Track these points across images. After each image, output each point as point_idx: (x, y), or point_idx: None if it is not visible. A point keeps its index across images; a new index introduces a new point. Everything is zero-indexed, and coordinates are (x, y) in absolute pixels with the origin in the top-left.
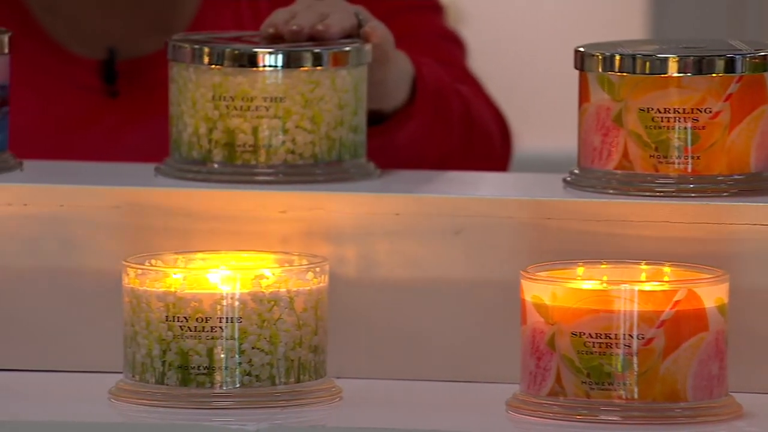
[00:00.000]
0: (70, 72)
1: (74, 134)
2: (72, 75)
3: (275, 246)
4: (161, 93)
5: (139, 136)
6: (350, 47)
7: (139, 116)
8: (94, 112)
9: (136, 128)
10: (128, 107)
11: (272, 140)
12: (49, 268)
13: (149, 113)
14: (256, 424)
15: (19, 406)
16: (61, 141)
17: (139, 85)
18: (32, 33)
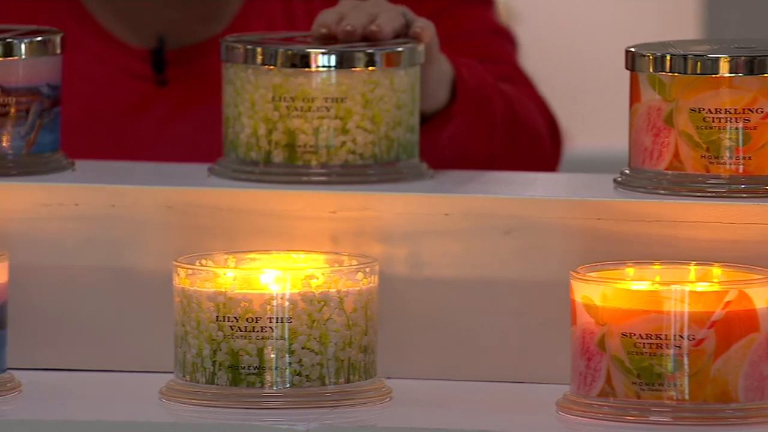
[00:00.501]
0: (120, 60)
1: (124, 122)
2: (122, 63)
3: (325, 246)
4: (209, 82)
5: (187, 124)
6: (404, 48)
7: (187, 105)
8: (143, 101)
9: (184, 117)
10: (177, 96)
11: (333, 141)
12: (100, 268)
13: (197, 102)
14: (306, 424)
15: (71, 405)
16: (110, 129)
17: (187, 73)
18: (84, 21)
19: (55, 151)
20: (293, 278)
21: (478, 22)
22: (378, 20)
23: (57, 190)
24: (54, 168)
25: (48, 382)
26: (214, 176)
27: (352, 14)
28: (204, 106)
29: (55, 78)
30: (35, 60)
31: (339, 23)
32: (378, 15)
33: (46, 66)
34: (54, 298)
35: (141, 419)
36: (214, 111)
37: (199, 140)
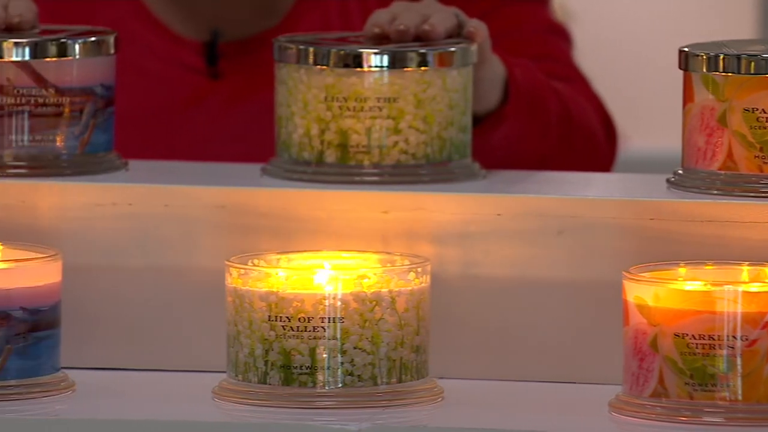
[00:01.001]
0: (174, 53)
1: (176, 114)
2: (176, 56)
3: (377, 246)
4: (262, 75)
5: (240, 117)
6: (456, 48)
7: (239, 98)
8: (196, 94)
9: (236, 110)
10: (229, 89)
11: (385, 140)
12: (153, 268)
13: (250, 95)
14: (358, 424)
15: (124, 405)
16: (163, 121)
17: (240, 67)
18: (139, 13)
19: (108, 151)
20: (345, 278)
21: (532, 19)
22: (431, 20)
23: (110, 190)
24: (107, 168)
25: (101, 382)
26: (266, 176)
27: (405, 14)
28: (256, 99)
29: (108, 78)
30: (89, 60)
31: (392, 23)
32: (431, 15)
33: (100, 66)
34: (107, 298)
35: (193, 419)
36: (267, 104)
37: (252, 133)
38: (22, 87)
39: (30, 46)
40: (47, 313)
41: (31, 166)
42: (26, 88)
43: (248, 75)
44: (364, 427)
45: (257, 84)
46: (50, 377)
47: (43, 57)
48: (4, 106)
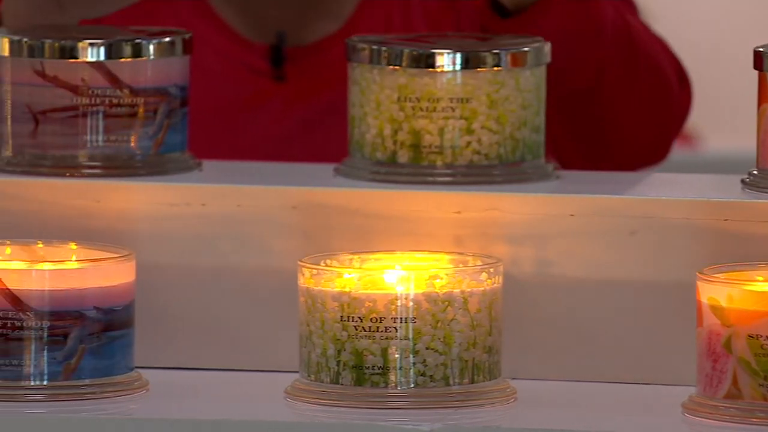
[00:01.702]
0: (240, 55)
1: (240, 115)
2: (242, 58)
3: (449, 246)
4: (326, 78)
5: (302, 119)
6: (529, 47)
7: (303, 101)
8: (260, 96)
9: (298, 111)
10: (292, 91)
11: (458, 141)
12: (226, 268)
13: (314, 98)
14: (430, 424)
15: (197, 405)
16: (227, 123)
17: (305, 70)
18: (206, 15)
19: (182, 151)
20: (417, 278)
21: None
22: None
23: (184, 190)
24: (181, 168)
25: (174, 381)
26: (339, 176)
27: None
28: (319, 101)
29: (182, 78)
30: (163, 60)
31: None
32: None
33: (174, 66)
34: (180, 298)
35: (266, 419)
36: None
37: (315, 136)
38: (96, 87)
39: (105, 47)
40: (121, 313)
41: (106, 167)
42: (101, 88)
43: (311, 77)
44: (436, 427)
45: (320, 86)
46: (124, 377)
47: (118, 57)
48: (78, 107)
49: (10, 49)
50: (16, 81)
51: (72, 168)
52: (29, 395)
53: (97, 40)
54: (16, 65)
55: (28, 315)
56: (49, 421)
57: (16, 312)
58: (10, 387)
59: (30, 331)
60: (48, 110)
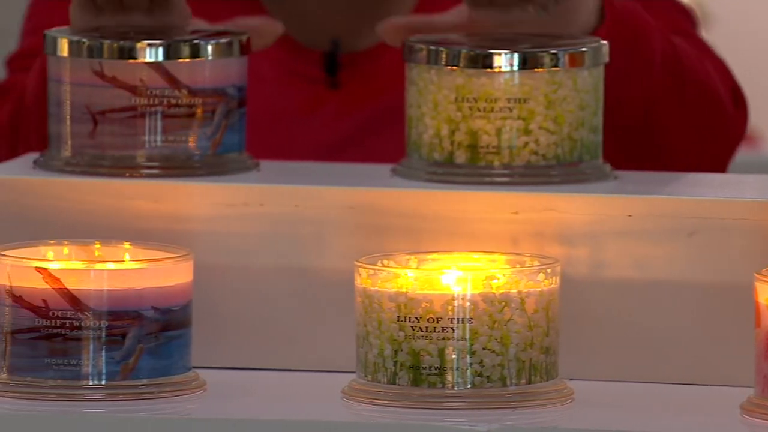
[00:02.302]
0: (295, 62)
1: (293, 121)
2: (295, 65)
3: (506, 247)
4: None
5: (355, 125)
6: (587, 47)
7: (355, 108)
8: (313, 103)
9: (352, 118)
10: (346, 97)
11: (515, 141)
12: (283, 268)
13: (366, 105)
14: (487, 425)
15: (254, 405)
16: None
17: (357, 77)
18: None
19: (240, 151)
20: (474, 279)
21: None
22: None
23: (242, 190)
24: (239, 168)
25: (232, 381)
26: (397, 177)
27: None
28: (372, 107)
29: (240, 79)
30: (221, 61)
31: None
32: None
33: (232, 67)
34: (237, 298)
35: (323, 419)
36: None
37: (368, 143)
38: (155, 88)
39: (163, 48)
40: (179, 313)
41: (164, 167)
42: (159, 88)
43: (365, 84)
44: (493, 428)
45: (374, 92)
46: (182, 377)
47: (176, 58)
48: (137, 107)
49: (70, 50)
50: (75, 81)
51: (130, 168)
52: (87, 395)
53: (156, 40)
54: (76, 66)
55: (86, 315)
56: (107, 421)
57: (74, 312)
58: (68, 387)
59: (88, 330)
60: (107, 110)
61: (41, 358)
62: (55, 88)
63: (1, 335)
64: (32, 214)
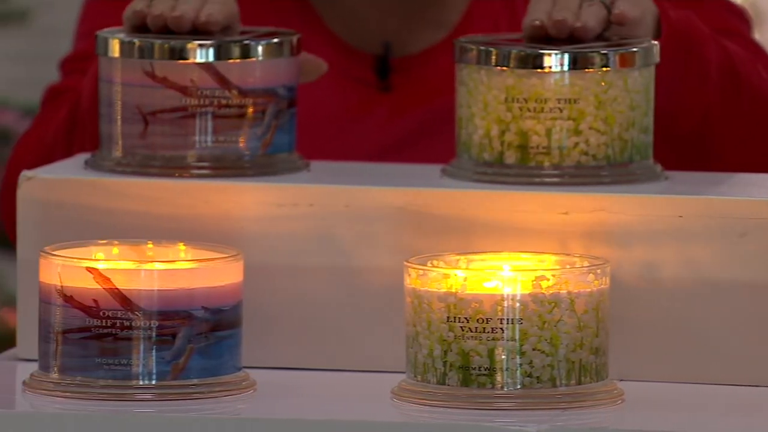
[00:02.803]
0: (346, 65)
1: (344, 124)
2: (348, 68)
3: (557, 247)
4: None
5: (406, 128)
6: (638, 48)
7: (406, 109)
8: (364, 106)
9: (404, 122)
10: (397, 100)
11: (565, 142)
12: (333, 268)
13: (417, 108)
14: (537, 425)
15: (304, 404)
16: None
17: (409, 80)
18: (313, 25)
19: (290, 151)
20: (524, 279)
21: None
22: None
23: (292, 190)
24: (289, 168)
25: (281, 381)
26: (446, 177)
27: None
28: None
29: (290, 79)
30: (272, 62)
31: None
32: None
33: (282, 67)
34: (287, 298)
35: (373, 419)
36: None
37: (419, 146)
38: (205, 88)
39: (213, 48)
40: (229, 313)
41: (214, 167)
42: (209, 89)
43: (416, 87)
44: (543, 429)
45: (424, 95)
46: (232, 377)
47: (227, 59)
48: (188, 107)
49: (121, 51)
50: (127, 82)
51: (181, 168)
52: (138, 395)
53: (206, 41)
54: (127, 66)
55: (137, 315)
56: (157, 421)
57: (125, 312)
58: (119, 386)
59: (139, 330)
60: (158, 111)
61: (92, 357)
62: (106, 89)
63: (53, 335)
64: (83, 215)
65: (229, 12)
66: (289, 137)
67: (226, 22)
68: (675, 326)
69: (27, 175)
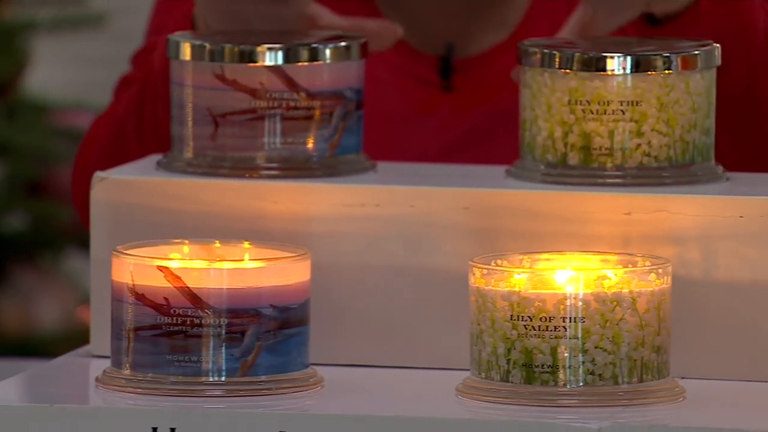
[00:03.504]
0: (410, 66)
1: (408, 123)
2: (412, 69)
3: (619, 247)
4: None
5: (469, 128)
6: (700, 51)
7: (468, 109)
8: (427, 104)
9: (467, 121)
10: (459, 100)
11: (628, 143)
12: (398, 267)
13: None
14: (599, 422)
15: (370, 401)
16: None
17: (471, 79)
18: None
19: (357, 153)
20: (586, 279)
21: None
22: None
23: (358, 191)
24: (357, 169)
25: (348, 378)
26: (511, 178)
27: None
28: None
29: (357, 82)
30: (339, 65)
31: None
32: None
33: (349, 70)
34: (354, 296)
35: (438, 415)
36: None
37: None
38: (274, 91)
39: (282, 51)
40: (296, 311)
41: (283, 168)
42: (278, 92)
43: (478, 87)
44: (605, 425)
45: (486, 95)
46: (299, 373)
47: (296, 61)
48: (257, 110)
49: (192, 54)
50: (197, 84)
51: (250, 169)
52: (207, 391)
53: (275, 44)
54: (197, 69)
55: (206, 313)
56: (226, 416)
57: (195, 310)
58: (189, 383)
59: (208, 328)
60: (227, 113)
61: (163, 354)
62: (177, 91)
63: (124, 332)
64: (154, 214)
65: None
66: (356, 138)
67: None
68: (735, 325)
69: (100, 176)
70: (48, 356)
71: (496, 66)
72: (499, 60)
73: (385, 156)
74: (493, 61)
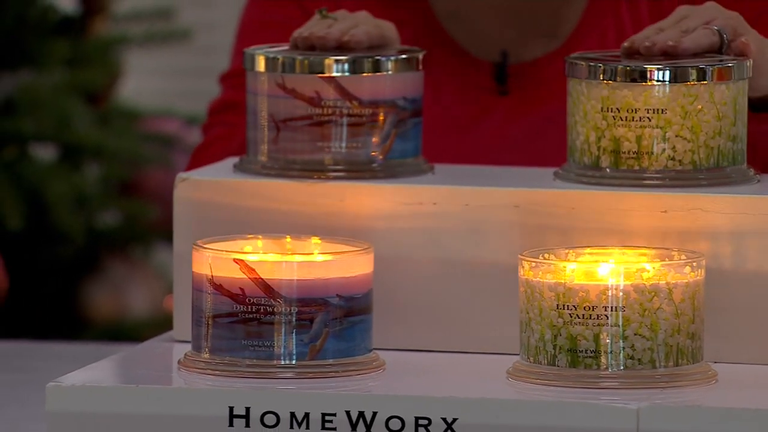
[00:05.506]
0: (467, 73)
1: (464, 127)
2: (469, 75)
3: (656, 242)
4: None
5: (522, 131)
6: (732, 63)
7: (522, 113)
8: (483, 108)
9: (519, 124)
10: (513, 105)
11: (654, 148)
12: (454, 260)
13: (532, 112)
14: (638, 403)
15: (429, 382)
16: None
17: (525, 85)
18: (437, 36)
19: (416, 156)
20: (626, 271)
21: None
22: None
23: (417, 191)
24: (415, 171)
25: (408, 362)
26: (558, 179)
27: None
28: (538, 114)
29: (413, 92)
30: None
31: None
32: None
33: (405, 81)
34: (412, 287)
35: (490, 396)
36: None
37: (533, 147)
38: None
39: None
40: (361, 300)
41: (348, 170)
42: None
43: (532, 92)
44: (643, 406)
45: (539, 100)
46: (363, 357)
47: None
48: (313, 116)
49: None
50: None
51: (319, 171)
52: (279, 373)
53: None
54: (264, 79)
55: (278, 302)
56: (297, 396)
57: (268, 299)
58: (263, 366)
59: (280, 316)
60: (287, 119)
61: (239, 339)
62: (251, 100)
63: (204, 319)
64: (231, 212)
65: (378, 34)
66: (414, 143)
67: (370, 43)
68: (764, 313)
69: (182, 176)
70: (137, 341)
71: (547, 72)
72: (549, 68)
73: (447, 157)
74: (543, 67)
